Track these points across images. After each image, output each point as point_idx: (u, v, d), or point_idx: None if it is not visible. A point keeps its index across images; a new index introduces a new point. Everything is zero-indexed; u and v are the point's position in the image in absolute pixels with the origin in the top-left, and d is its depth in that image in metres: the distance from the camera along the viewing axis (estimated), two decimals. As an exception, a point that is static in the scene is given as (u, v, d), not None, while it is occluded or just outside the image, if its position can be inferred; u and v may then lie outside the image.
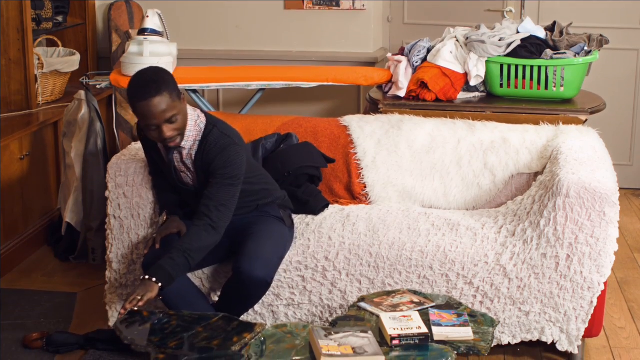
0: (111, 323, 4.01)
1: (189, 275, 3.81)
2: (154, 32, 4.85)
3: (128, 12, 6.10)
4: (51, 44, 5.79)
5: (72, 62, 5.58)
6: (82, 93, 4.87)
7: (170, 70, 4.81)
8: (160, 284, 3.40)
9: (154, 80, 3.46)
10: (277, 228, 3.80)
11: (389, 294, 3.50)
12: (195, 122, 3.62)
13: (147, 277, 3.41)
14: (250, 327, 3.23)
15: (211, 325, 3.28)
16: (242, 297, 3.66)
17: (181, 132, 3.54)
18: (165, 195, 3.87)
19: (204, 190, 3.62)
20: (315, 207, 4.08)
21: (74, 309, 4.37)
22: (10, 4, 5.13)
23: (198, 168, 3.65)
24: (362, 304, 3.39)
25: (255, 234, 3.71)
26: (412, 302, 3.37)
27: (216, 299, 3.84)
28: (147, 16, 4.89)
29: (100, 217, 4.73)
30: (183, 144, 3.60)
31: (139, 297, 3.34)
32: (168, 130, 3.48)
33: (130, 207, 3.95)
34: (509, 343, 3.85)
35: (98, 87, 4.98)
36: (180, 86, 4.78)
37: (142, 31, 4.85)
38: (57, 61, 5.48)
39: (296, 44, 6.05)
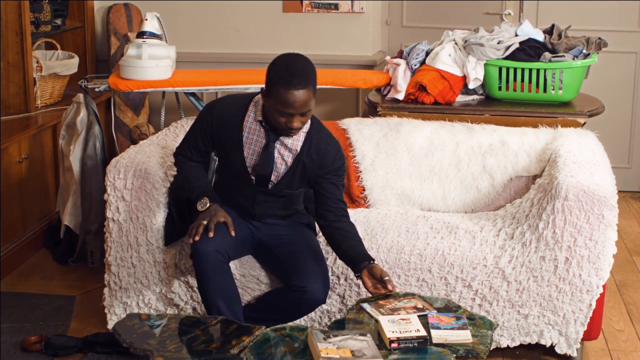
0: (110, 326, 4.01)
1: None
2: (153, 35, 4.85)
3: (127, 15, 6.11)
4: (50, 46, 5.79)
5: (70, 65, 5.58)
6: (80, 96, 4.86)
7: (169, 74, 4.81)
8: None
9: (305, 71, 3.48)
10: (316, 241, 3.85)
11: (395, 296, 3.48)
12: None
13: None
14: (248, 330, 3.23)
15: (210, 328, 3.28)
16: (297, 312, 3.72)
17: (300, 130, 3.58)
18: (202, 182, 3.80)
19: (281, 188, 3.69)
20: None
21: (73, 312, 4.37)
22: (9, 6, 5.13)
23: (301, 161, 3.66)
24: (364, 305, 3.38)
25: (309, 249, 3.74)
26: (415, 307, 3.36)
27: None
28: (146, 19, 4.88)
29: (99, 220, 4.72)
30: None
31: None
32: (297, 122, 3.50)
33: (129, 210, 3.95)
34: (508, 346, 3.86)
35: (97, 90, 4.98)
36: (178, 89, 4.82)
37: (141, 34, 4.84)
38: (55, 64, 5.48)
39: (295, 47, 6.03)
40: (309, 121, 3.66)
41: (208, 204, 3.68)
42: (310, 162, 3.67)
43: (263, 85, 3.57)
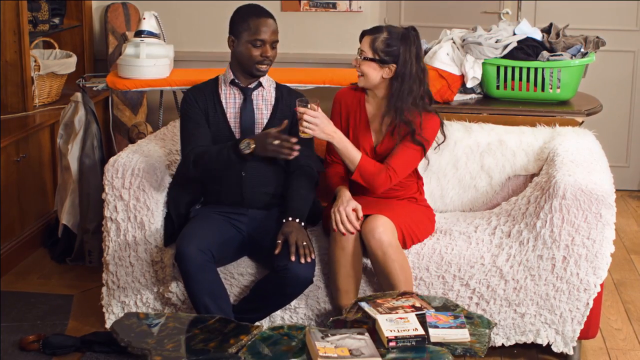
0: (108, 325, 4.01)
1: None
2: (151, 34, 4.84)
3: (125, 14, 6.10)
4: (48, 45, 5.79)
5: (68, 64, 5.58)
6: (78, 95, 4.86)
7: (167, 73, 4.81)
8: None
9: (267, 9, 3.87)
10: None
11: (393, 295, 3.48)
12: (267, 76, 3.96)
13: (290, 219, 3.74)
14: (246, 329, 3.23)
15: (208, 327, 3.28)
16: (284, 295, 3.74)
17: (272, 63, 3.86)
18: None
19: None
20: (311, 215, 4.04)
21: (71, 311, 4.37)
22: (6, 5, 5.13)
23: (278, 109, 3.91)
24: (362, 304, 3.38)
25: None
26: (413, 306, 3.36)
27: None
28: (144, 18, 4.88)
29: (97, 219, 4.72)
30: (264, 84, 3.92)
31: (304, 243, 3.65)
32: (269, 51, 3.80)
33: (127, 210, 3.95)
34: (503, 344, 3.86)
35: (94, 89, 4.98)
36: (177, 88, 4.83)
37: (139, 33, 4.84)
38: (53, 63, 5.48)
39: (293, 46, 6.05)
40: (273, 80, 3.98)
41: (252, 143, 3.66)
42: (287, 110, 3.90)
43: None
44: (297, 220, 3.72)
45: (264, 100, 3.90)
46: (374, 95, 3.91)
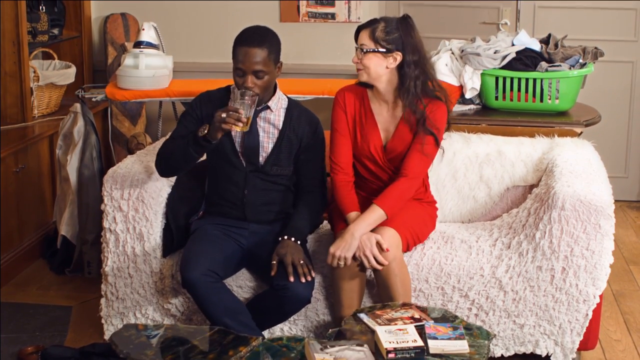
0: (107, 336, 4.01)
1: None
2: (150, 45, 4.85)
3: (124, 25, 6.11)
4: (47, 56, 5.79)
5: (67, 74, 5.58)
6: (77, 106, 4.87)
7: (166, 84, 4.82)
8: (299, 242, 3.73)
9: (261, 33, 3.75)
10: (303, 244, 3.83)
11: (392, 307, 3.49)
12: (279, 96, 3.87)
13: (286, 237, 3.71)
14: (245, 340, 3.23)
15: (207, 338, 3.28)
16: (282, 312, 3.74)
17: (261, 92, 3.70)
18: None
19: (270, 164, 3.81)
20: None
21: (70, 323, 4.37)
22: (6, 16, 5.14)
23: (285, 135, 3.83)
24: (361, 315, 3.38)
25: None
26: (412, 317, 3.36)
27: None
28: (143, 29, 4.89)
29: (96, 230, 4.72)
30: (272, 106, 3.82)
31: (302, 262, 3.63)
32: (250, 82, 3.67)
33: (126, 221, 3.95)
34: (502, 355, 3.85)
35: (94, 99, 4.99)
36: (176, 99, 4.83)
37: (138, 44, 4.85)
38: (52, 74, 5.48)
39: (292, 57, 6.05)
40: (286, 99, 3.89)
41: (206, 127, 3.62)
42: (294, 135, 3.84)
43: None
44: (293, 239, 3.71)
45: (270, 124, 3.83)
46: (378, 91, 3.83)
